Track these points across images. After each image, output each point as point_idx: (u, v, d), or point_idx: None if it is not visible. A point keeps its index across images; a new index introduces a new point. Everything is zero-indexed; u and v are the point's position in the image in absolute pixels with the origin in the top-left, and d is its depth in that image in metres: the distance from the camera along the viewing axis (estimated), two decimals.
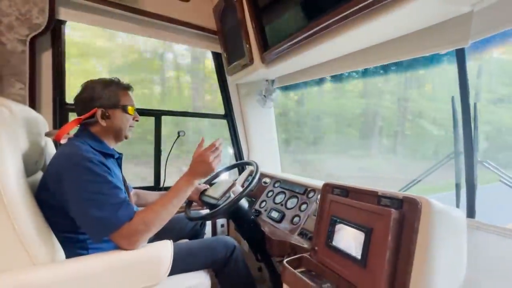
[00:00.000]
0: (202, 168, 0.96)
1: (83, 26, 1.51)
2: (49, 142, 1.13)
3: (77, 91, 0.99)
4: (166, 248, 0.87)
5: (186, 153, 2.16)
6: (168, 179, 1.56)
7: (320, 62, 1.36)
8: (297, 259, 0.87)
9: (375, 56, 1.09)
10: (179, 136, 1.53)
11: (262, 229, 1.21)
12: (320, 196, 0.95)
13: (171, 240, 0.92)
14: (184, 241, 1.16)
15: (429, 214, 0.63)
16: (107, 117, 0.97)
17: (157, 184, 1.69)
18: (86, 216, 0.80)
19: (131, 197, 1.18)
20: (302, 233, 1.10)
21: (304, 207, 1.21)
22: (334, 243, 0.80)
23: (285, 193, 1.38)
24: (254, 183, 1.08)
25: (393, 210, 0.67)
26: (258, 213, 1.38)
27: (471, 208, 0.95)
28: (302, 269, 0.85)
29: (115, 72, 1.70)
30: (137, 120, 1.08)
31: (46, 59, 1.32)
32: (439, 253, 0.62)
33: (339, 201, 0.85)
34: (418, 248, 0.62)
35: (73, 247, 0.86)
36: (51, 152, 1.10)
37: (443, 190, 1.61)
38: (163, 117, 1.70)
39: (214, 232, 1.70)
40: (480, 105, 0.96)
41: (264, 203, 1.44)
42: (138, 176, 1.99)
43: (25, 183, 0.77)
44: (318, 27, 0.98)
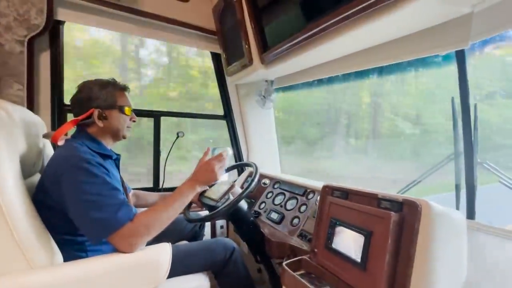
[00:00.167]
0: (207, 177, 1.02)
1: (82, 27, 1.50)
2: (47, 144, 1.13)
3: (74, 92, 0.99)
4: (165, 251, 0.87)
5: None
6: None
7: (320, 63, 1.36)
8: (297, 261, 0.87)
9: (374, 57, 1.09)
10: (178, 137, 1.53)
11: (262, 231, 1.20)
12: (320, 198, 0.94)
13: (170, 243, 0.91)
14: (183, 243, 1.16)
15: (429, 217, 0.62)
16: (104, 118, 0.97)
17: (156, 185, 1.69)
18: (85, 218, 0.80)
19: (130, 198, 1.18)
20: (302, 235, 1.10)
21: (304, 209, 1.20)
22: (334, 246, 0.80)
23: (285, 194, 1.38)
24: (254, 185, 1.07)
25: (393, 213, 0.67)
26: (258, 215, 1.37)
27: (471, 210, 0.95)
28: (302, 272, 0.85)
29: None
30: (134, 121, 1.07)
31: (44, 60, 1.32)
32: (439, 256, 0.62)
33: (339, 203, 0.84)
34: (418, 251, 0.62)
35: (72, 249, 0.86)
36: (49, 154, 1.10)
37: (440, 191, 1.60)
38: (163, 118, 1.69)
39: (214, 234, 1.70)
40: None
41: (264, 204, 1.43)
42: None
43: (23, 185, 0.76)
44: (318, 28, 0.98)
